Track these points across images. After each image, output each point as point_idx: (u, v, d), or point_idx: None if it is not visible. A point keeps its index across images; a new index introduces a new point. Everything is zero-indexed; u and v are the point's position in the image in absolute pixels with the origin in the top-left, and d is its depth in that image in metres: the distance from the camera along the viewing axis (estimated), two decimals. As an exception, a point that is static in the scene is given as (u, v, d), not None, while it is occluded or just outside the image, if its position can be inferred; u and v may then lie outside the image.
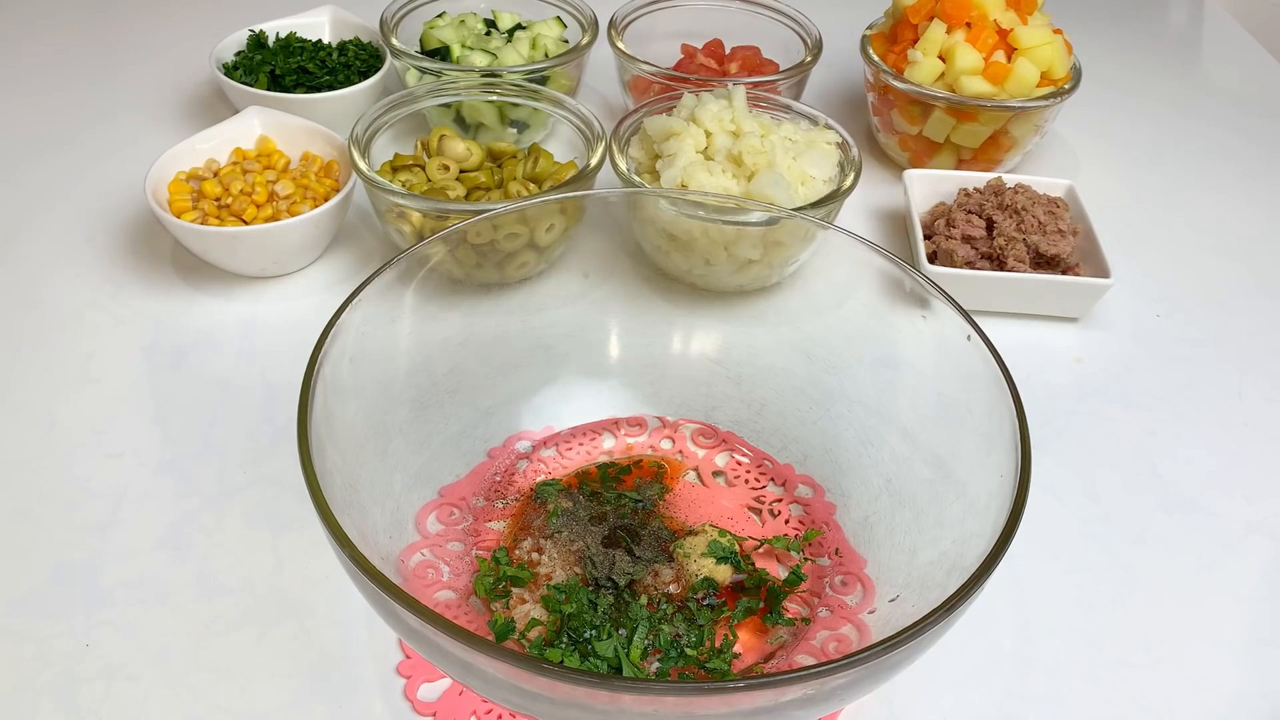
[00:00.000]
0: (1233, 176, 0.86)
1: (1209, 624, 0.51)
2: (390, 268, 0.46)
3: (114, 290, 0.67)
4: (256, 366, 0.62)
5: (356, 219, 0.73)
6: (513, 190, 0.65)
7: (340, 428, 0.43)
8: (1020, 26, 0.76)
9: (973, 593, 0.35)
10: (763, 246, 0.59)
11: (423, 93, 0.72)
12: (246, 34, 0.85)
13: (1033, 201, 0.70)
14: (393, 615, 0.35)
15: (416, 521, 0.49)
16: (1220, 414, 0.63)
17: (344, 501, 0.39)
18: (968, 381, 0.44)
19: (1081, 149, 0.88)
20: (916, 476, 0.48)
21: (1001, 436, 0.41)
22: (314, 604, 0.49)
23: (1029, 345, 0.67)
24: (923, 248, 0.69)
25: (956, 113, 0.77)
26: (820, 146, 0.67)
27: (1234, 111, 0.96)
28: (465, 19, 0.86)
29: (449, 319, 0.52)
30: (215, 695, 0.45)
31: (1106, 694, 0.47)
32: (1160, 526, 0.55)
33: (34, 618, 0.48)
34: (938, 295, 0.46)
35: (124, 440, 0.57)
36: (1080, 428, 0.61)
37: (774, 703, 0.33)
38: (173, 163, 0.68)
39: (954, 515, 0.43)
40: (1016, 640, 0.49)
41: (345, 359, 0.44)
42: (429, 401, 0.51)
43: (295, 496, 0.54)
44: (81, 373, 0.61)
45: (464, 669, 0.34)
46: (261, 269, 0.67)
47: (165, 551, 0.51)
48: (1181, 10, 1.17)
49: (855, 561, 0.49)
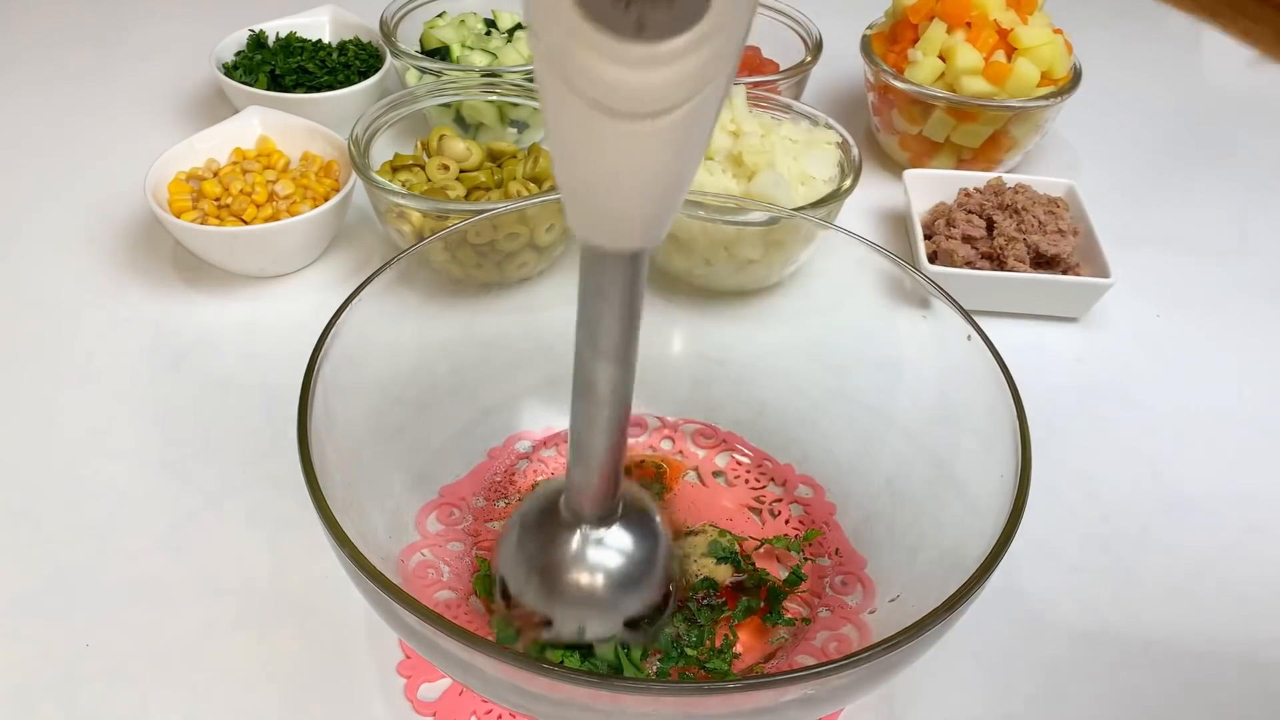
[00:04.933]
0: (1233, 176, 0.86)
1: (1209, 624, 0.51)
2: (390, 268, 0.46)
3: (114, 290, 0.67)
4: (256, 367, 0.62)
5: (356, 219, 0.73)
6: (513, 190, 0.65)
7: (340, 428, 0.43)
8: (1020, 26, 0.76)
9: (973, 593, 0.35)
10: (763, 246, 0.59)
11: (423, 93, 0.72)
12: (246, 34, 0.85)
13: (1033, 201, 0.70)
14: (393, 615, 0.35)
15: (416, 521, 0.49)
16: (1220, 414, 0.63)
17: (344, 501, 0.39)
18: (968, 381, 0.44)
19: (1081, 149, 0.88)
20: (917, 476, 0.48)
21: (1002, 436, 0.41)
22: (314, 604, 0.49)
23: (1029, 345, 0.67)
24: (923, 248, 0.69)
25: (956, 113, 0.77)
26: (820, 146, 0.67)
27: (1234, 111, 0.96)
28: (465, 19, 0.86)
29: (449, 319, 0.52)
30: (215, 695, 0.45)
31: (1106, 694, 0.47)
32: (1160, 526, 0.55)
33: (34, 618, 0.48)
34: (938, 295, 0.46)
35: (124, 440, 0.57)
36: (1080, 428, 0.61)
37: (774, 703, 0.33)
38: (173, 163, 0.68)
39: (954, 515, 0.43)
40: (1016, 640, 0.49)
41: (345, 359, 0.43)
42: (429, 401, 0.51)
43: (295, 496, 0.53)
44: (81, 373, 0.61)
45: (464, 669, 0.34)
46: (261, 269, 0.67)
47: (165, 551, 0.51)
48: (1181, 10, 1.17)
49: (855, 561, 0.49)
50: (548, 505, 0.42)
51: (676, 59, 0.25)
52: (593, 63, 0.25)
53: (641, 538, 0.41)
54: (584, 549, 0.40)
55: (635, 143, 0.27)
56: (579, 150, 0.28)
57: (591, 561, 0.40)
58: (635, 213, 0.30)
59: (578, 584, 0.40)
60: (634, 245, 0.31)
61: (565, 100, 0.26)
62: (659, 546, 0.42)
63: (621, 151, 0.27)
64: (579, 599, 0.41)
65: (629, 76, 0.25)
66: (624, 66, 0.25)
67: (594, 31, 0.24)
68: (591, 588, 0.41)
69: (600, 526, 0.40)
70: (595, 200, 0.30)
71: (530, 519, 0.43)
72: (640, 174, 0.28)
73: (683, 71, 0.25)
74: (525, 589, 0.41)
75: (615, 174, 0.28)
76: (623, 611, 0.42)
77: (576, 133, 0.27)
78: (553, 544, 0.41)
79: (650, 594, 0.43)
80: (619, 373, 0.35)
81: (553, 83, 0.26)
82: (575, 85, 0.25)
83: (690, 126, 0.27)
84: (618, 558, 0.41)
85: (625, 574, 0.41)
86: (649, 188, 0.29)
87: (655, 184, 0.29)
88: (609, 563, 0.41)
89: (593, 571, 0.40)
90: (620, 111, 0.26)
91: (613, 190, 0.29)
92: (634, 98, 0.25)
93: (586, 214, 0.31)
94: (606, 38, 0.24)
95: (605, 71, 0.25)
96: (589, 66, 0.25)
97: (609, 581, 0.41)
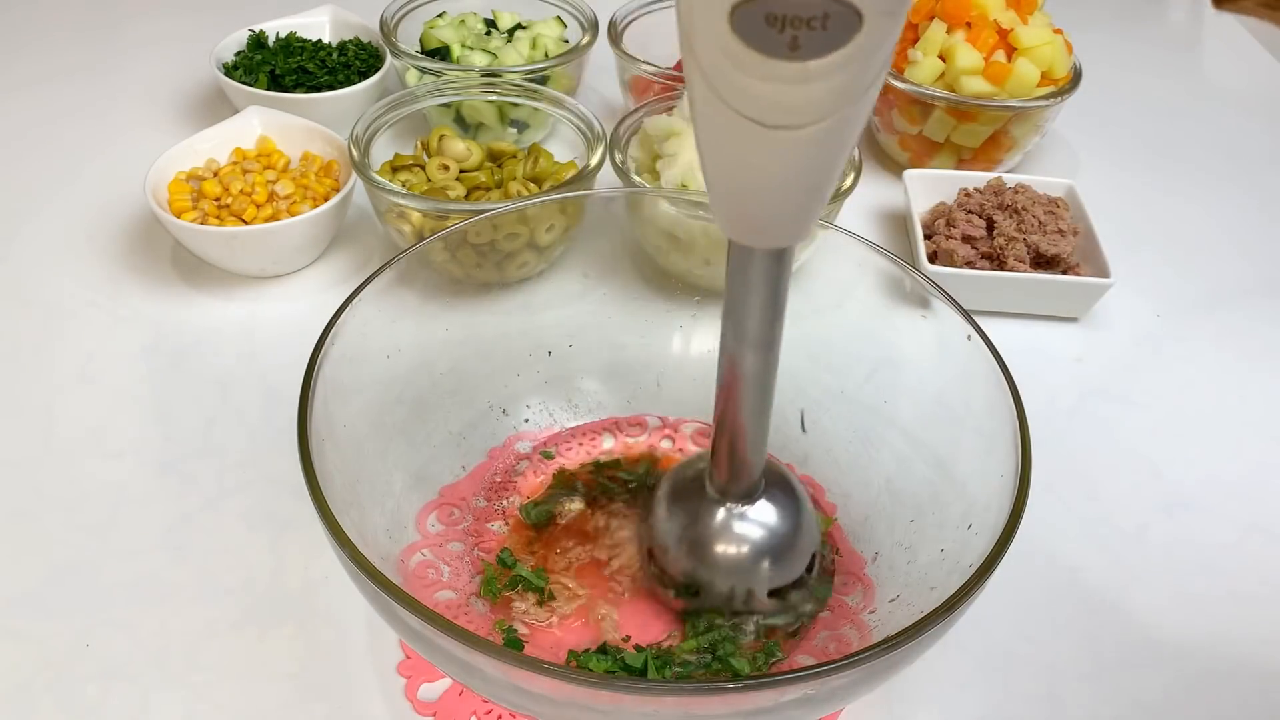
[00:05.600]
0: (1233, 176, 0.86)
1: (1209, 624, 0.51)
2: (390, 268, 0.47)
3: (114, 290, 0.67)
4: (256, 366, 0.62)
5: (356, 219, 0.73)
6: (513, 190, 0.65)
7: (340, 428, 0.43)
8: (1020, 26, 0.76)
9: (973, 593, 0.35)
10: (763, 246, 0.59)
11: (423, 93, 0.72)
12: (246, 34, 0.85)
13: (1033, 201, 0.70)
14: (393, 615, 0.35)
15: (416, 521, 0.49)
16: (1220, 414, 0.63)
17: (344, 501, 0.39)
18: (968, 381, 0.44)
19: (1081, 149, 0.88)
20: (917, 476, 0.48)
21: (1001, 436, 0.41)
22: (314, 604, 0.49)
23: (1029, 345, 0.67)
24: (923, 248, 0.69)
25: (956, 113, 0.77)
26: (820, 146, 0.67)
27: (1234, 111, 0.96)
28: (465, 19, 0.86)
29: (449, 319, 0.52)
30: (215, 695, 0.45)
31: (1106, 694, 0.47)
32: (1160, 526, 0.55)
33: (34, 618, 0.48)
34: (938, 295, 0.46)
35: (124, 440, 0.57)
36: (1080, 428, 0.61)
37: (774, 703, 0.33)
38: (173, 163, 0.68)
39: (954, 515, 0.43)
40: (1016, 640, 0.49)
41: (345, 359, 0.44)
42: (429, 401, 0.51)
43: (295, 496, 0.54)
44: (81, 373, 0.61)
45: (465, 669, 0.34)
46: (261, 269, 0.67)
47: (165, 551, 0.51)
48: (1181, 10, 1.17)
49: (855, 561, 0.49)
50: (693, 481, 0.45)
51: (826, 75, 0.26)
52: (746, 80, 0.26)
53: (784, 512, 0.44)
54: (730, 523, 0.43)
55: (785, 151, 0.29)
56: (730, 158, 0.30)
57: (738, 534, 0.43)
58: (783, 214, 0.32)
59: (725, 556, 0.43)
60: (781, 243, 0.34)
61: (719, 113, 0.28)
62: (802, 520, 0.45)
63: (772, 159, 0.29)
64: (726, 569, 0.44)
65: (780, 92, 0.27)
66: (777, 83, 0.26)
67: (747, 51, 0.26)
68: (739, 559, 0.44)
69: (744, 502, 0.43)
70: (746, 203, 0.32)
71: (677, 495, 0.45)
72: (789, 179, 0.30)
73: (831, 87, 0.27)
74: (672, 560, 0.45)
75: (765, 180, 0.30)
76: (767, 582, 0.44)
77: (729, 142, 0.29)
78: (699, 519, 0.44)
79: (794, 565, 0.45)
80: (764, 359, 0.38)
81: (707, 97, 0.28)
82: (728, 99, 0.27)
83: (838, 135, 0.28)
84: (761, 531, 0.44)
85: (769, 546, 0.44)
86: (796, 191, 0.31)
87: (802, 187, 0.31)
88: (754, 535, 0.43)
89: (739, 544, 0.43)
90: (771, 124, 0.27)
91: (763, 194, 0.31)
92: (785, 111, 0.27)
93: (737, 216, 0.33)
94: (760, 56, 0.26)
95: (758, 88, 0.27)
96: (742, 83, 0.27)
97: (754, 553, 0.44)
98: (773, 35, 0.25)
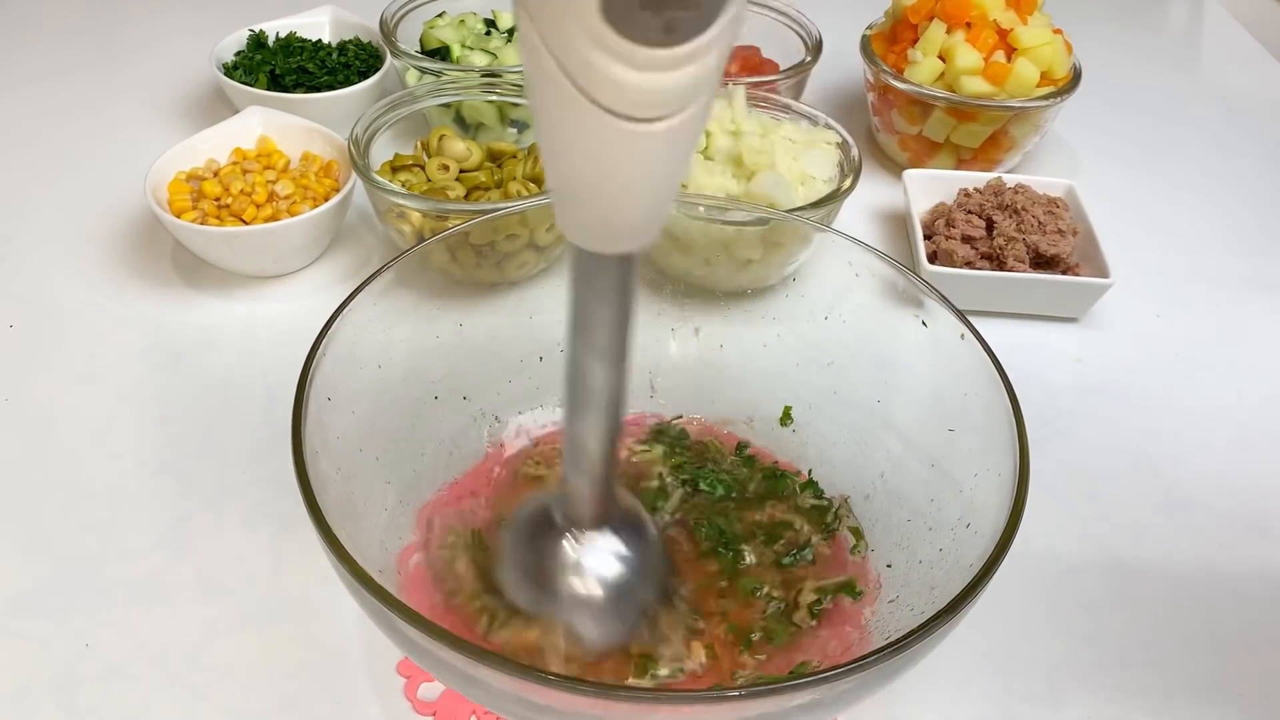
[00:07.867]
0: (1232, 176, 0.86)
1: (1209, 624, 0.51)
2: (390, 268, 0.46)
3: (114, 290, 0.67)
4: (256, 366, 0.62)
5: (356, 219, 0.73)
6: (513, 190, 0.65)
7: (337, 429, 0.43)
8: (1020, 26, 0.76)
9: (974, 594, 0.35)
10: (762, 247, 0.59)
11: (423, 93, 0.72)
12: (246, 34, 0.85)
13: (1033, 201, 0.70)
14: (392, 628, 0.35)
15: (415, 522, 0.49)
16: (1220, 414, 0.63)
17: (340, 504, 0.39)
18: (965, 382, 0.44)
19: (1081, 149, 0.88)
20: (915, 477, 0.48)
21: (1000, 437, 0.41)
22: (314, 604, 0.49)
23: (1029, 345, 0.67)
24: (923, 248, 0.69)
25: (956, 113, 0.77)
26: (820, 146, 0.67)
27: (1234, 111, 0.96)
28: (465, 19, 0.86)
29: (448, 319, 0.52)
30: (215, 695, 0.45)
31: (1106, 694, 0.47)
32: (1160, 526, 0.55)
33: (34, 618, 0.48)
34: (933, 296, 0.46)
35: (124, 440, 0.57)
36: (1080, 428, 0.61)
37: (780, 709, 0.32)
38: (173, 163, 0.68)
39: (951, 515, 0.43)
40: (1016, 640, 0.49)
41: (343, 360, 0.43)
42: (427, 402, 0.51)
43: (295, 496, 0.53)
44: (81, 373, 0.61)
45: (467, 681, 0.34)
46: (261, 269, 0.67)
47: (165, 551, 0.51)
48: (1181, 10, 1.17)
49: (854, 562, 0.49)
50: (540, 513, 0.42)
51: (699, 57, 0.25)
52: (611, 68, 0.25)
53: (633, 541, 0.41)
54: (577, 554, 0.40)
55: (649, 144, 0.27)
56: (586, 158, 0.28)
57: (585, 566, 0.40)
58: (640, 214, 0.30)
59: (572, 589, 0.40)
60: (634, 246, 0.31)
61: (577, 111, 0.26)
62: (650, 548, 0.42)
63: (624, 155, 0.27)
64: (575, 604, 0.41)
65: (653, 80, 0.25)
66: (652, 71, 0.25)
67: (617, 37, 0.24)
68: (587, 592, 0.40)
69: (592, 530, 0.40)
70: (592, 204, 0.29)
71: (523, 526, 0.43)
72: (640, 177, 0.28)
73: (702, 69, 0.25)
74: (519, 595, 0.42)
75: (615, 177, 0.28)
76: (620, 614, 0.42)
77: (585, 142, 0.27)
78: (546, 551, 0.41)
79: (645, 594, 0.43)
80: (613, 375, 0.35)
81: (563, 96, 0.26)
82: (596, 95, 0.25)
83: (690, 129, 0.27)
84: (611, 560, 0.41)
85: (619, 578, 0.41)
86: (647, 190, 0.29)
87: (653, 186, 0.29)
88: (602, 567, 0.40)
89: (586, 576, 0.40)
90: (630, 115, 0.26)
91: (611, 193, 0.29)
92: (655, 102, 0.26)
93: (582, 218, 0.30)
94: (629, 43, 0.24)
95: (629, 78, 0.25)
96: (613, 75, 0.25)
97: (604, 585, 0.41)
98: (648, 20, 0.24)
